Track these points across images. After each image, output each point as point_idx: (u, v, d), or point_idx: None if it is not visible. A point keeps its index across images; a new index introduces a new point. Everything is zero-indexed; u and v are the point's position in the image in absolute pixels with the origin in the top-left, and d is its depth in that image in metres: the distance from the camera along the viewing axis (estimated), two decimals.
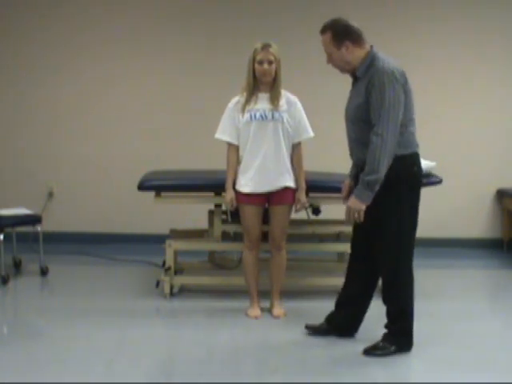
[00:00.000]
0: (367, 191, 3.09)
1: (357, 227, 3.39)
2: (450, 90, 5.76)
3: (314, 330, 3.57)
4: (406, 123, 3.13)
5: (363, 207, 3.12)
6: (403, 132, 3.11)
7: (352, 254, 3.52)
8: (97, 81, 5.76)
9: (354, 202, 3.14)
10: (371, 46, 3.22)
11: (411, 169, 3.21)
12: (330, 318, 3.55)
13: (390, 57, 3.19)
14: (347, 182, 3.48)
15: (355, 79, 3.26)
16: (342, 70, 3.28)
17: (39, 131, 5.80)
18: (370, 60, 3.14)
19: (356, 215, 3.14)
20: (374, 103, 3.06)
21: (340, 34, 3.17)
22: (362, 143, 3.21)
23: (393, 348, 3.29)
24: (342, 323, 3.49)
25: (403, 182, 3.15)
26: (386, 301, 3.38)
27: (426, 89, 5.37)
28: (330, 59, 3.25)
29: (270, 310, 3.94)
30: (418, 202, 3.27)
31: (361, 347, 3.34)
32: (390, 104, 3.03)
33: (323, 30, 3.23)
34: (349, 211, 3.16)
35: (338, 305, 3.54)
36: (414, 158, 3.23)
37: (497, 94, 5.82)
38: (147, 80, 5.76)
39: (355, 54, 3.18)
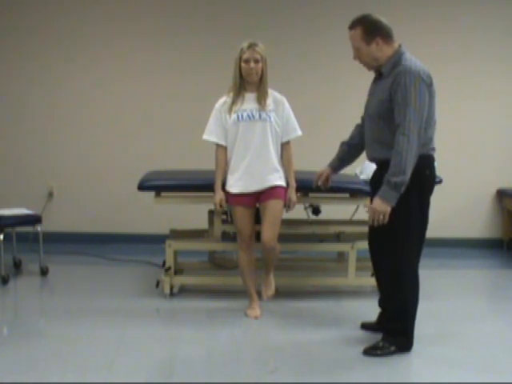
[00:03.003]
0: (394, 192, 3.02)
1: (371, 229, 3.33)
2: (450, 90, 5.75)
3: (368, 328, 3.62)
4: (426, 125, 3.10)
5: (389, 209, 3.05)
6: (422, 133, 3.08)
7: (371, 255, 3.50)
8: (96, 81, 5.76)
9: (379, 203, 3.06)
10: (399, 45, 3.19)
11: (423, 171, 3.15)
12: (381, 317, 3.56)
13: (416, 58, 3.16)
14: (326, 171, 3.59)
15: (379, 76, 3.23)
16: (369, 66, 3.24)
17: (39, 131, 5.81)
18: (397, 59, 3.11)
19: (381, 217, 3.06)
20: (399, 102, 3.03)
21: (371, 29, 3.13)
22: (378, 142, 3.19)
23: (392, 348, 3.29)
24: None
25: (413, 183, 3.08)
26: (386, 300, 3.38)
27: None
28: (358, 55, 3.21)
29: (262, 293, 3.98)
30: (427, 206, 3.24)
31: (361, 347, 3.34)
32: (416, 104, 3.00)
33: (353, 25, 3.17)
34: (373, 213, 3.07)
35: (381, 306, 3.55)
36: (427, 161, 3.19)
37: (497, 93, 5.82)
38: (147, 80, 5.76)
39: (384, 51, 3.14)
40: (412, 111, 3.00)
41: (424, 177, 3.18)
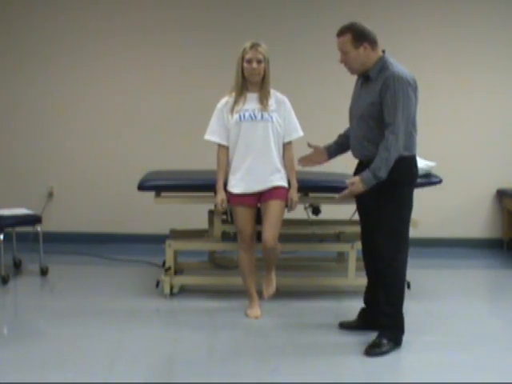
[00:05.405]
0: (374, 180, 3.24)
1: (364, 227, 3.56)
2: (450, 91, 5.76)
3: (348, 326, 3.66)
4: (411, 127, 3.29)
5: (363, 190, 3.28)
6: (407, 135, 3.26)
7: (363, 254, 3.64)
8: (97, 80, 5.75)
9: (359, 184, 3.27)
10: (383, 51, 3.35)
11: (411, 170, 3.37)
12: (363, 314, 3.66)
13: (399, 63, 3.32)
14: (320, 148, 3.70)
15: (365, 80, 3.37)
16: (354, 70, 3.40)
17: (39, 131, 5.79)
18: (383, 64, 3.28)
19: (353, 192, 3.31)
20: (388, 105, 3.21)
21: (360, 35, 3.29)
22: (368, 140, 3.35)
23: (391, 343, 3.36)
24: (376, 319, 3.50)
25: (404, 182, 3.32)
26: (384, 295, 3.41)
27: (426, 89, 5.36)
28: (345, 58, 3.34)
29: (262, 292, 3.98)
30: (412, 202, 3.42)
31: (361, 347, 3.35)
32: (404, 106, 3.19)
33: (341, 33, 3.32)
34: (351, 186, 3.30)
35: (366, 302, 3.67)
36: (414, 160, 3.39)
37: (497, 94, 5.81)
38: (147, 80, 5.75)
39: (370, 56, 3.31)
40: (400, 113, 3.19)
41: (412, 175, 3.40)
